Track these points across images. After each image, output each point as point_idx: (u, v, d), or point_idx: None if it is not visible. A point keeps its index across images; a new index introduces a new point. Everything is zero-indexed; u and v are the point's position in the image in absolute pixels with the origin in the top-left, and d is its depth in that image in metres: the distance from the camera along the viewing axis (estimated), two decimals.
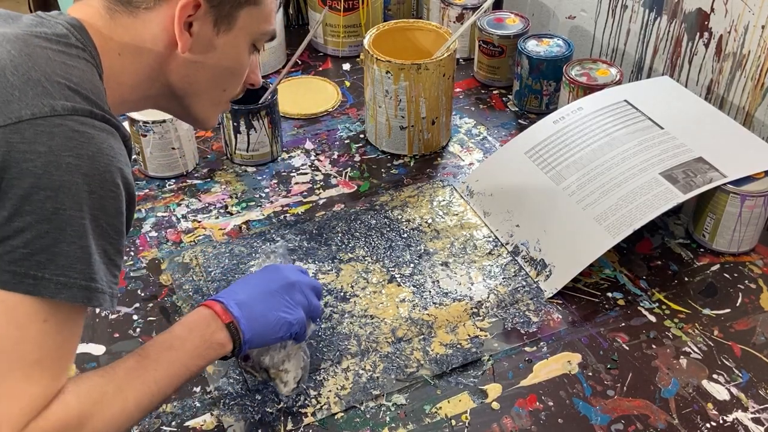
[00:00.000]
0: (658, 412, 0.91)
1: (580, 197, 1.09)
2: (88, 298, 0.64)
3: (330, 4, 1.50)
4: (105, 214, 0.65)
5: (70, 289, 0.63)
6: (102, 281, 0.65)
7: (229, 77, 0.83)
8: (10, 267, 0.62)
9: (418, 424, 0.90)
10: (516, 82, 1.41)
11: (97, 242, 0.65)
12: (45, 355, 0.64)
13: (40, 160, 0.62)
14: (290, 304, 0.83)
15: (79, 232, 0.63)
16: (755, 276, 1.08)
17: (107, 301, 0.66)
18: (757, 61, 1.18)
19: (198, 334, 0.76)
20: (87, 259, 0.64)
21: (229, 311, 0.79)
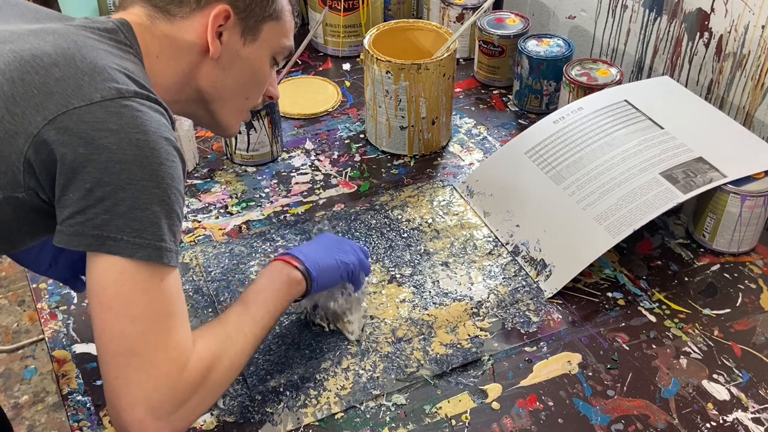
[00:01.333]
0: (658, 412, 0.91)
1: (580, 197, 1.09)
2: (160, 256, 0.72)
3: (330, 4, 1.50)
4: (172, 181, 0.74)
5: (144, 249, 0.72)
6: (169, 242, 0.74)
7: (253, 86, 0.92)
8: (93, 231, 0.71)
9: (418, 424, 0.90)
10: (516, 82, 1.41)
11: (164, 207, 0.73)
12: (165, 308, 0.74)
13: (114, 137, 0.70)
14: (344, 251, 0.96)
15: (150, 200, 0.72)
16: (755, 276, 1.08)
17: (174, 259, 0.75)
18: (757, 61, 1.18)
19: (277, 277, 0.89)
20: (157, 223, 0.72)
21: (297, 257, 0.91)
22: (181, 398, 0.74)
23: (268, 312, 0.86)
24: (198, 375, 0.76)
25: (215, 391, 0.79)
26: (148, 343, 0.73)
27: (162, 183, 0.72)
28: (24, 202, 0.74)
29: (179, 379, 0.74)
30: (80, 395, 0.92)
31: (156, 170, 0.72)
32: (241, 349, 0.82)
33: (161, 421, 0.73)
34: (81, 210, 0.71)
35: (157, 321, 0.73)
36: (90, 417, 0.90)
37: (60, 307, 1.03)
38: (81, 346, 0.98)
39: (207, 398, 0.78)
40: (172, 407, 0.74)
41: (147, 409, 0.72)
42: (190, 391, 0.75)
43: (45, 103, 0.71)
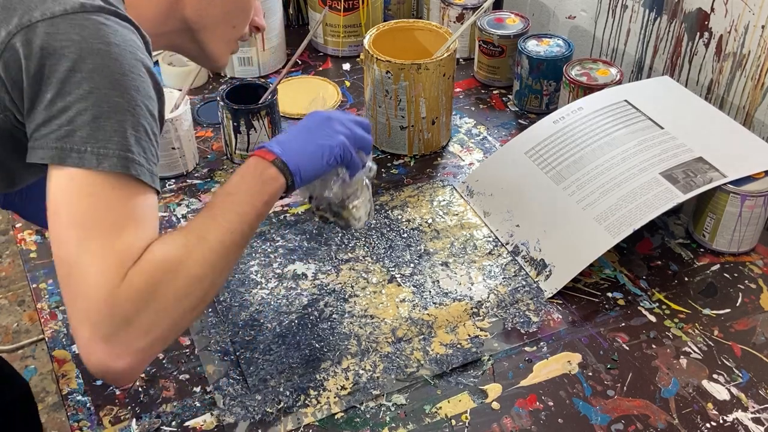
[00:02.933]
0: (658, 412, 0.91)
1: (580, 197, 1.09)
2: (126, 166, 0.69)
3: (330, 4, 1.50)
4: (137, 93, 0.71)
5: (109, 159, 0.69)
6: (138, 154, 0.70)
7: (238, 13, 0.91)
8: (57, 143, 0.69)
9: (418, 424, 0.90)
10: (516, 82, 1.41)
11: (131, 120, 0.70)
12: (119, 217, 0.69)
13: (75, 47, 0.69)
14: (328, 133, 0.86)
15: (113, 109, 0.69)
16: (755, 276, 1.08)
17: (146, 174, 0.71)
18: (757, 61, 1.18)
19: (249, 176, 0.81)
20: (122, 133, 0.70)
21: (270, 150, 0.82)
22: (123, 313, 0.67)
23: (239, 215, 0.77)
24: (142, 285, 0.68)
25: (172, 306, 0.70)
26: (85, 250, 0.67)
27: (126, 93, 0.70)
28: (4, 124, 0.73)
29: (117, 291, 0.67)
30: (80, 395, 0.92)
31: (119, 80, 0.70)
32: (202, 257, 0.72)
33: (109, 344, 0.67)
34: (44, 122, 0.69)
35: (99, 228, 0.68)
36: (90, 417, 0.90)
37: (60, 307, 1.03)
38: None
39: (162, 314, 0.69)
40: (116, 325, 0.67)
41: (90, 328, 0.67)
42: (134, 305, 0.67)
43: (9, 18, 0.70)
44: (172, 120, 1.19)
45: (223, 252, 0.74)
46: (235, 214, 0.77)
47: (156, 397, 0.92)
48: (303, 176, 0.83)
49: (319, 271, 1.08)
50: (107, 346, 0.67)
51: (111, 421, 0.90)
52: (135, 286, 0.68)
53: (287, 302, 1.03)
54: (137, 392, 0.93)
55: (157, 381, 0.94)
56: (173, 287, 0.70)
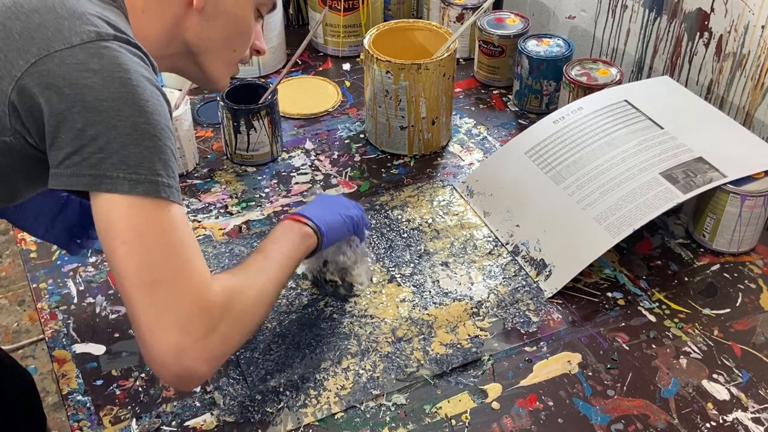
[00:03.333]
0: (658, 412, 0.91)
1: (580, 197, 1.09)
2: (157, 191, 0.73)
3: (330, 4, 1.50)
4: (160, 117, 0.74)
5: (142, 185, 0.72)
6: (165, 176, 0.74)
7: (238, 37, 0.93)
8: (90, 171, 0.71)
9: (418, 424, 0.90)
10: (516, 82, 1.41)
11: (159, 144, 0.74)
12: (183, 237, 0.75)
13: (97, 77, 0.71)
14: (345, 206, 1.01)
15: (142, 135, 0.72)
16: (755, 276, 1.08)
17: (175, 195, 0.75)
18: (757, 61, 1.18)
19: (288, 231, 0.92)
20: (150, 158, 0.73)
21: (303, 215, 0.95)
22: (211, 322, 0.75)
23: (285, 258, 0.89)
24: (225, 300, 0.77)
25: (244, 322, 0.80)
26: (169, 271, 0.73)
27: (151, 119, 0.73)
28: (12, 146, 0.74)
29: (207, 302, 0.75)
30: (80, 395, 0.92)
31: (143, 106, 0.73)
32: (263, 286, 0.84)
33: (196, 346, 0.74)
34: (75, 150, 0.71)
35: (174, 250, 0.74)
36: (90, 417, 0.90)
37: (60, 307, 1.03)
38: (81, 346, 0.98)
39: (237, 327, 0.79)
40: (204, 331, 0.74)
41: (181, 335, 0.73)
42: (219, 315, 0.76)
43: (27, 47, 0.72)
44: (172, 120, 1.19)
45: (275, 285, 0.86)
46: (284, 257, 0.89)
47: (156, 397, 0.92)
48: (329, 238, 0.95)
49: None
50: (195, 350, 0.74)
51: (111, 421, 0.90)
52: (219, 300, 0.76)
53: (287, 302, 1.03)
54: (137, 392, 0.93)
55: (157, 381, 0.94)
56: (244, 305, 0.80)
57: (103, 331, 1.00)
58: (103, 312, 1.02)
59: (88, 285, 1.06)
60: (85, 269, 1.08)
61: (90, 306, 1.03)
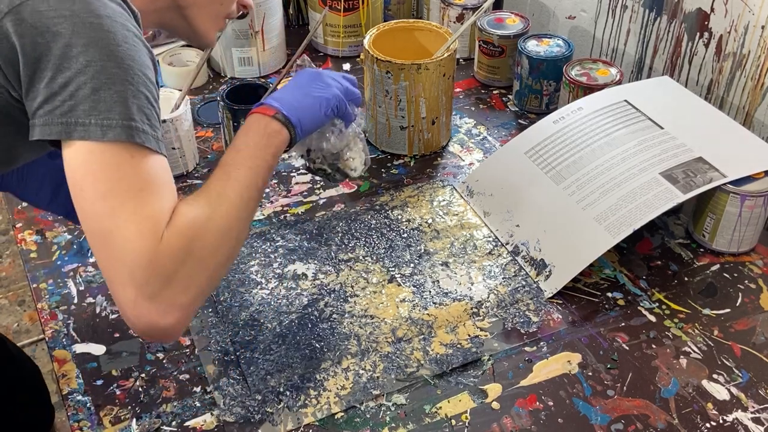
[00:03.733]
0: (658, 412, 0.91)
1: (580, 197, 1.09)
2: (130, 135, 0.71)
3: (330, 4, 1.50)
4: (133, 62, 0.72)
5: (114, 130, 0.71)
6: (141, 122, 0.72)
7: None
8: (62, 119, 0.71)
9: (418, 424, 0.90)
10: (516, 82, 1.41)
11: (131, 89, 0.72)
12: (141, 184, 0.72)
13: (67, 23, 0.70)
14: (320, 86, 0.91)
15: (111, 80, 0.71)
16: (755, 276, 1.08)
17: (151, 141, 0.73)
18: (757, 61, 1.18)
19: (253, 132, 0.85)
20: (124, 103, 0.71)
21: (270, 106, 0.87)
22: (165, 272, 0.71)
23: (251, 169, 0.81)
24: (178, 244, 0.72)
25: (207, 260, 0.75)
26: (118, 218, 0.71)
27: (122, 63, 0.71)
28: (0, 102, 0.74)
29: (157, 251, 0.71)
30: (80, 395, 0.92)
31: (114, 51, 0.71)
32: (227, 212, 0.77)
33: (155, 301, 0.71)
34: (47, 99, 0.71)
35: (126, 196, 0.71)
36: (90, 417, 0.90)
37: (60, 307, 1.03)
38: (81, 346, 0.98)
39: (199, 269, 0.74)
40: (159, 283, 0.71)
41: (136, 289, 0.70)
42: (174, 262, 0.72)
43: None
44: (172, 120, 1.19)
45: (243, 205, 0.79)
46: (247, 169, 0.81)
47: (156, 397, 0.92)
48: (303, 128, 0.88)
49: (319, 271, 1.08)
50: (154, 304, 0.71)
51: (111, 421, 0.90)
52: (172, 245, 0.72)
53: (287, 302, 1.04)
54: (137, 392, 0.93)
55: (157, 381, 0.94)
56: (206, 243, 0.74)
57: (103, 331, 1.00)
58: (103, 312, 1.02)
59: (88, 285, 1.06)
60: (85, 269, 1.08)
61: (90, 306, 1.03)
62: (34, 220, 1.16)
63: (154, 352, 0.97)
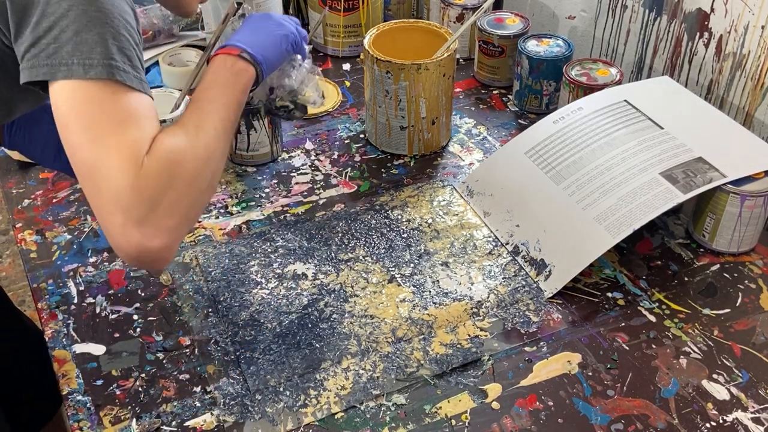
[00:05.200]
0: (658, 412, 0.91)
1: (580, 197, 1.09)
2: (111, 73, 0.75)
3: (330, 4, 1.50)
4: (113, 8, 0.76)
5: (95, 68, 0.74)
6: (122, 62, 0.76)
7: None
8: (47, 61, 0.74)
9: (418, 424, 0.90)
10: (516, 82, 1.41)
11: (111, 31, 0.75)
12: (123, 116, 0.75)
13: None
14: (277, 25, 0.96)
15: (92, 22, 0.74)
16: (755, 276, 1.08)
17: (132, 80, 0.76)
18: (757, 61, 1.18)
19: (220, 71, 0.89)
20: (104, 43, 0.75)
21: (234, 46, 0.91)
22: (150, 195, 0.74)
23: (223, 105, 0.86)
24: (160, 168, 0.76)
25: (188, 186, 0.78)
26: (100, 147, 0.74)
27: (102, 8, 0.75)
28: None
29: (139, 176, 0.74)
30: (80, 395, 0.92)
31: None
32: (204, 142, 0.81)
33: (142, 225, 0.74)
34: (33, 43, 0.74)
35: (108, 127, 0.74)
36: (90, 417, 0.90)
37: (60, 307, 1.03)
38: (81, 346, 0.98)
39: (182, 193, 0.77)
40: (146, 207, 0.74)
41: (123, 214, 0.73)
42: (157, 187, 0.75)
43: None
44: (172, 120, 1.19)
45: (218, 137, 0.83)
46: (220, 104, 0.85)
47: (156, 397, 0.92)
48: (268, 65, 0.92)
49: (319, 271, 1.08)
50: (141, 228, 0.74)
51: (111, 421, 0.90)
52: (154, 170, 0.75)
53: (287, 302, 1.04)
54: (137, 392, 0.93)
55: (157, 381, 0.94)
56: (186, 169, 0.78)
57: (103, 331, 1.00)
58: (103, 312, 1.02)
59: (88, 285, 1.06)
60: (85, 269, 1.08)
61: (90, 306, 1.03)
62: (34, 220, 1.16)
63: (154, 352, 0.97)
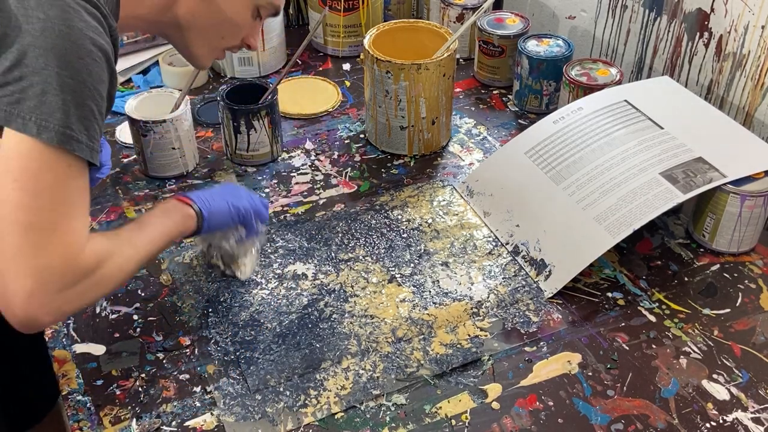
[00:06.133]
0: (658, 412, 0.91)
1: (580, 197, 1.09)
2: (64, 141, 0.75)
3: (330, 4, 1.50)
4: (89, 77, 0.76)
5: (48, 132, 0.74)
6: (78, 132, 0.76)
7: (228, 28, 0.97)
8: (7, 107, 0.75)
9: (418, 424, 0.90)
10: (516, 82, 1.41)
11: (76, 98, 0.76)
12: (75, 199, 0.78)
13: (39, 25, 0.74)
14: (237, 197, 1.01)
15: (61, 88, 0.75)
16: (755, 276, 1.08)
17: (84, 150, 0.77)
18: (757, 61, 1.18)
19: (172, 209, 0.94)
20: (66, 111, 0.75)
21: (190, 198, 0.96)
22: (70, 280, 0.77)
23: (161, 235, 0.90)
24: (91, 263, 0.79)
25: (102, 286, 0.81)
26: (48, 220, 0.75)
27: (77, 75, 0.75)
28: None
29: (73, 262, 0.77)
30: (80, 395, 0.92)
31: (73, 63, 0.75)
32: (130, 257, 0.85)
33: (46, 297, 0.76)
34: (1, 84, 0.75)
35: (59, 203, 0.76)
36: (90, 417, 0.90)
37: None
38: (81, 346, 0.98)
39: (93, 289, 0.81)
40: (59, 286, 0.76)
41: (36, 282, 0.75)
42: (80, 276, 0.78)
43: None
44: (172, 120, 1.19)
45: (143, 257, 0.87)
46: (158, 233, 0.90)
47: (156, 397, 0.92)
48: (210, 224, 0.97)
49: (319, 271, 1.08)
50: (44, 304, 0.76)
51: (111, 421, 0.90)
52: (87, 262, 0.78)
53: (287, 302, 1.04)
54: (137, 392, 0.93)
55: (157, 381, 0.94)
56: (109, 270, 0.81)
57: (103, 331, 1.00)
58: (103, 312, 1.02)
59: None
60: None
61: (90, 306, 1.03)
62: None
63: (154, 352, 0.97)
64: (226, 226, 1.00)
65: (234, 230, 1.02)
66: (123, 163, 1.27)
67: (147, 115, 1.20)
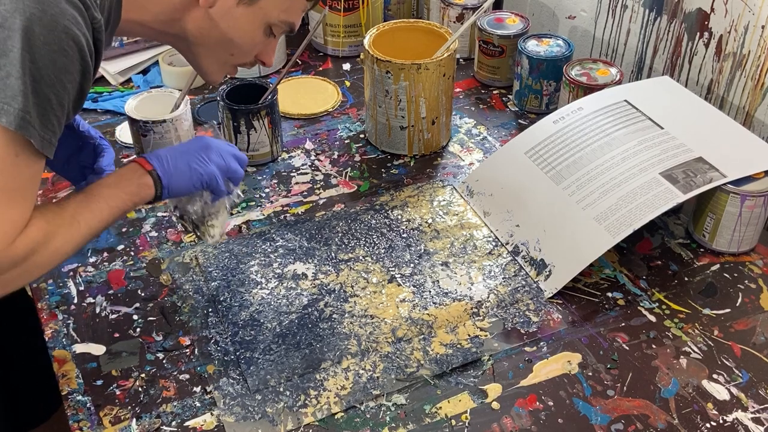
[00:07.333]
0: (658, 412, 0.91)
1: (580, 197, 1.09)
2: (20, 126, 0.73)
3: (330, 4, 1.50)
4: (53, 66, 0.74)
5: (8, 115, 0.72)
6: (34, 119, 0.74)
7: (238, 46, 0.94)
8: None
9: (418, 424, 0.90)
10: (516, 82, 1.41)
11: (39, 87, 0.73)
12: (19, 186, 0.76)
13: (11, 5, 0.72)
14: (203, 160, 0.93)
15: (24, 72, 0.72)
16: (755, 276, 1.08)
17: (37, 139, 0.74)
18: (757, 61, 1.18)
19: (127, 177, 0.89)
20: (26, 96, 0.73)
21: (150, 162, 0.90)
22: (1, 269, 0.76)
23: (110, 208, 0.86)
24: (22, 254, 0.77)
25: (33, 272, 0.80)
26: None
27: (41, 63, 0.73)
28: None
29: (3, 253, 0.75)
30: (80, 395, 0.92)
31: (39, 48, 0.73)
32: (71, 237, 0.82)
33: None
34: None
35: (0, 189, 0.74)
36: (90, 417, 0.90)
37: (60, 307, 1.03)
38: (81, 346, 0.98)
39: (23, 276, 0.79)
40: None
41: None
42: (9, 266, 0.76)
43: None
44: (172, 120, 1.19)
45: (87, 235, 0.84)
46: (107, 206, 0.85)
47: (156, 397, 0.92)
48: (171, 192, 0.92)
49: (319, 271, 1.08)
50: None
51: (111, 421, 0.90)
52: (17, 253, 0.76)
53: (287, 302, 1.04)
54: (137, 392, 0.93)
55: (157, 381, 0.94)
56: (42, 257, 0.79)
57: (103, 331, 1.00)
58: (103, 312, 1.02)
59: (88, 285, 1.06)
60: (85, 269, 1.08)
61: (90, 306, 1.03)
62: None
63: (154, 352, 0.97)
64: (188, 191, 0.94)
65: (199, 194, 0.97)
66: (123, 164, 1.27)
67: (147, 115, 1.20)
